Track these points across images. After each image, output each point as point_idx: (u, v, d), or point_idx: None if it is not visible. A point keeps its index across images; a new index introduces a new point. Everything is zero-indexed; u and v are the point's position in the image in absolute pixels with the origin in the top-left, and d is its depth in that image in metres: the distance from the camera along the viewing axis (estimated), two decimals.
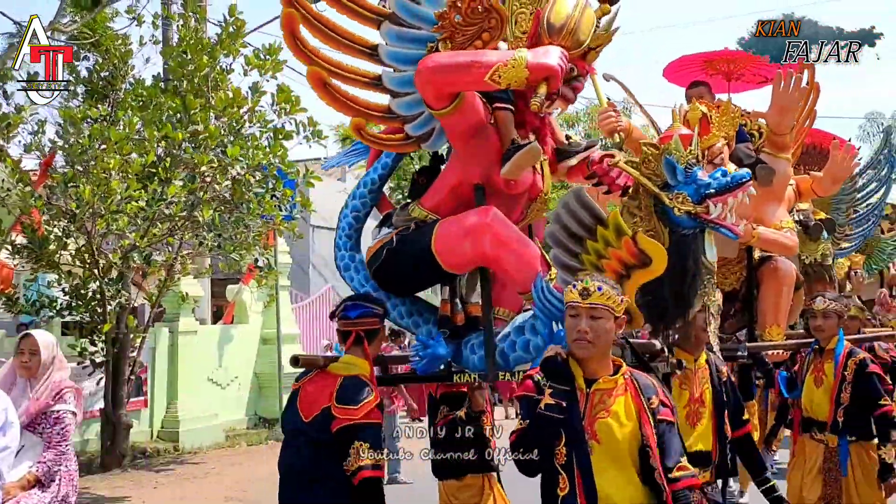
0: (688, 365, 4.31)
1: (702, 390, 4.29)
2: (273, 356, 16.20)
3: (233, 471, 11.26)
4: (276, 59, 11.35)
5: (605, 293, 3.14)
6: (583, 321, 3.13)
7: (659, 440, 3.15)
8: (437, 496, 5.01)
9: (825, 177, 6.05)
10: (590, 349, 3.14)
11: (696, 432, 4.22)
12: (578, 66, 4.12)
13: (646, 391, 3.21)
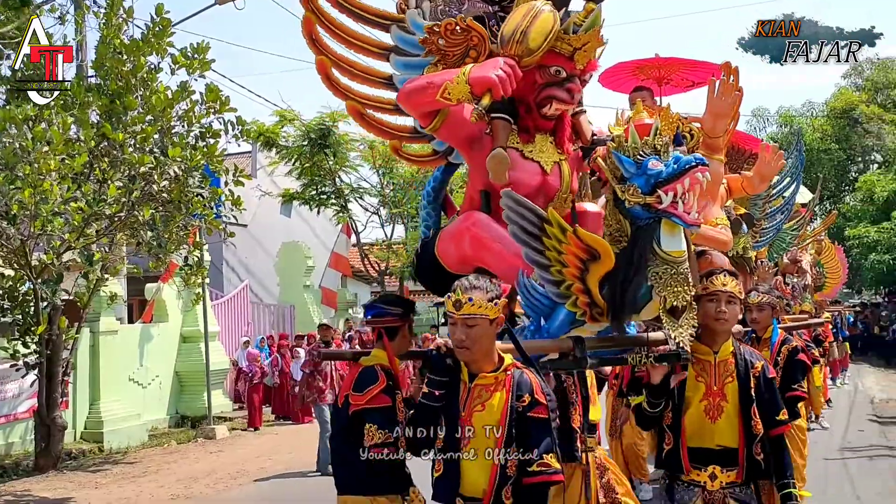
0: (705, 357, 4.04)
1: (723, 384, 4.00)
2: (194, 354, 16.17)
3: (170, 469, 11.26)
4: (204, 58, 11.40)
5: (475, 303, 3.37)
6: (459, 330, 3.39)
7: (524, 435, 3.37)
8: None
9: (755, 176, 6.33)
10: (469, 354, 3.43)
11: (717, 427, 3.97)
12: (566, 67, 4.19)
13: (520, 388, 3.43)
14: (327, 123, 20.18)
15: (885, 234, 26.32)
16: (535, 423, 3.39)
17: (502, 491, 3.34)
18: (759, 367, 4.02)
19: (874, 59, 33.22)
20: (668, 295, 3.72)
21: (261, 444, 13.48)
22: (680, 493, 4.00)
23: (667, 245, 3.68)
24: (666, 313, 3.75)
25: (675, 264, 3.71)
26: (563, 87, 4.19)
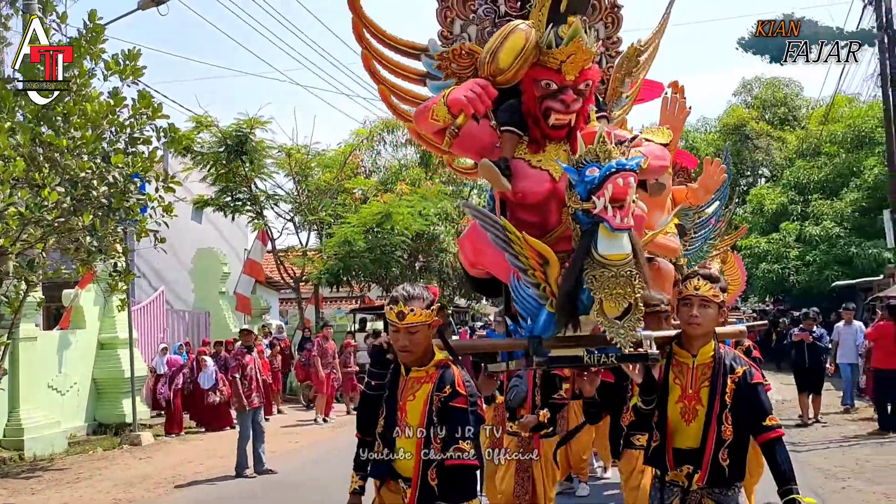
0: (684, 360, 4.11)
1: (698, 387, 4.04)
2: (111, 361, 16.04)
3: (102, 475, 11.27)
4: (136, 65, 11.46)
5: (416, 312, 3.83)
6: (402, 337, 3.86)
7: (443, 420, 3.80)
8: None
9: (699, 188, 6.71)
10: (411, 357, 3.93)
11: (689, 430, 4.02)
12: (555, 79, 4.39)
13: (443, 381, 3.88)
14: (244, 130, 20.25)
15: (774, 244, 27.87)
16: (455, 412, 3.81)
17: (427, 471, 3.79)
18: (739, 371, 4.00)
19: (762, 78, 35.19)
20: (605, 297, 3.80)
21: (187, 449, 13.53)
22: (665, 493, 4.12)
23: (604, 249, 3.78)
24: (601, 315, 3.83)
25: (615, 267, 3.78)
26: (556, 98, 4.41)
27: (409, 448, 3.88)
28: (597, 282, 3.79)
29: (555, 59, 4.38)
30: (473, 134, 4.57)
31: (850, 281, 25.14)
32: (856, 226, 26.76)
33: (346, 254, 21.06)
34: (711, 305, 4.01)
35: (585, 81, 4.47)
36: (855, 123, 28.75)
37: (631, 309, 3.83)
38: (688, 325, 4.05)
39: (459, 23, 4.94)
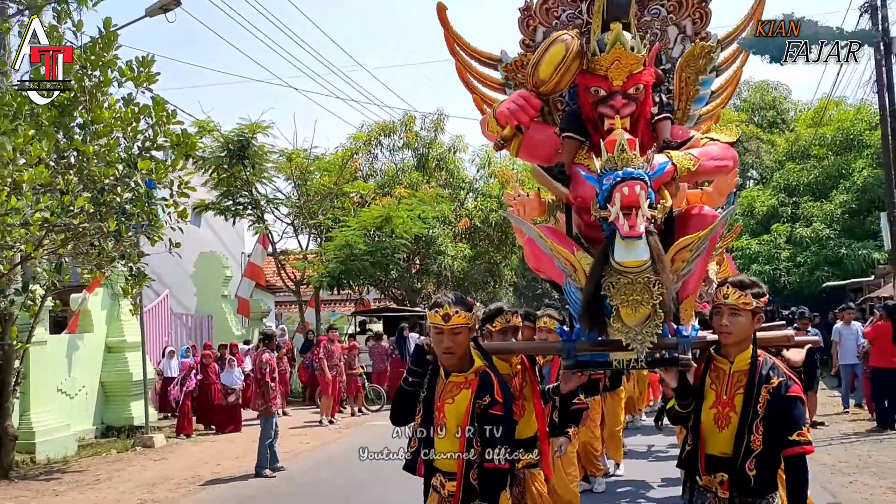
0: (721, 366, 4.06)
1: (733, 394, 3.98)
2: (119, 364, 16.21)
3: (121, 476, 11.43)
4: (149, 71, 11.66)
5: (460, 314, 4.07)
6: (446, 339, 4.08)
7: (483, 428, 4.00)
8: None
9: (714, 191, 6.89)
10: (453, 359, 4.12)
11: (722, 436, 3.97)
12: (603, 86, 4.49)
13: (482, 389, 4.07)
14: (246, 135, 20.42)
15: (765, 246, 28.24)
16: (493, 418, 4.01)
17: (470, 471, 4.00)
18: (775, 382, 3.89)
19: (751, 82, 35.63)
20: (622, 304, 3.87)
21: (200, 450, 13.69)
22: (696, 497, 4.10)
23: (619, 256, 3.83)
24: (619, 320, 3.90)
25: (631, 274, 3.83)
26: (606, 104, 4.49)
27: (448, 448, 4.06)
28: (613, 289, 3.87)
29: (601, 65, 4.48)
30: (537, 141, 4.80)
31: (841, 282, 25.53)
32: (845, 227, 27.15)
33: (346, 257, 21.26)
34: (742, 313, 3.95)
35: (636, 85, 4.50)
36: (843, 126, 29.17)
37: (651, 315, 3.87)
38: (720, 333, 4.04)
39: (542, 30, 5.08)
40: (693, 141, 4.61)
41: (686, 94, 4.99)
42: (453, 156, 27.45)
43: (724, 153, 4.66)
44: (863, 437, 12.64)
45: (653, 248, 3.84)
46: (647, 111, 4.65)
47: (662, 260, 3.90)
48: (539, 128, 4.85)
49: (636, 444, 12.02)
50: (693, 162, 4.32)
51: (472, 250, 26.05)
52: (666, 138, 4.65)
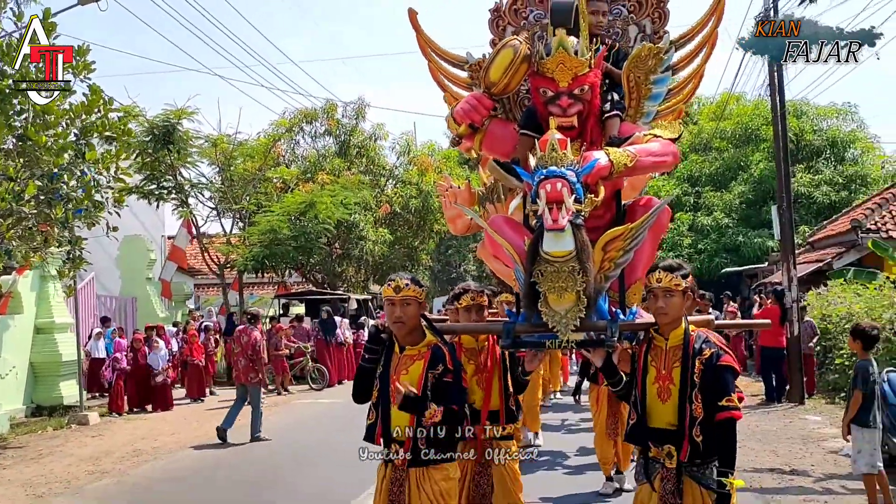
0: (658, 343, 4.31)
1: (671, 368, 4.22)
2: (48, 345, 16.47)
3: (64, 451, 11.89)
4: (86, 60, 12.06)
5: (410, 288, 4.47)
6: (398, 309, 4.44)
7: (437, 392, 4.33)
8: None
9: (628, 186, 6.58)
10: (404, 328, 4.46)
11: (665, 409, 4.20)
12: (550, 87, 4.69)
13: (435, 360, 4.41)
14: (172, 121, 20.69)
15: (669, 233, 29.71)
16: (448, 385, 4.38)
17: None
18: (707, 353, 4.14)
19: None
20: (549, 290, 4.13)
21: (135, 428, 14.17)
22: (643, 467, 4.35)
23: (547, 246, 4.07)
24: (546, 305, 4.17)
25: (557, 263, 4.07)
26: (554, 103, 4.72)
27: (403, 417, 4.34)
28: (542, 276, 4.13)
29: (548, 68, 4.68)
30: (498, 136, 5.15)
31: (738, 268, 27.24)
32: (743, 217, 28.92)
33: (270, 241, 21.76)
34: (675, 294, 4.20)
35: (581, 86, 4.69)
36: (742, 121, 30.94)
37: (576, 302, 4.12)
38: (656, 314, 4.29)
39: (511, 30, 5.42)
40: (635, 137, 4.78)
41: (637, 93, 5.16)
42: (374, 143, 28.17)
43: (664, 149, 4.81)
44: (753, 410, 13.95)
45: (578, 240, 4.07)
46: (595, 109, 4.86)
47: (587, 251, 4.12)
48: (500, 124, 5.18)
49: (551, 419, 13.02)
50: (630, 158, 4.46)
51: (391, 235, 26.81)
52: (613, 135, 4.87)
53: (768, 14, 14.84)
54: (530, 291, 4.24)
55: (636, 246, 4.34)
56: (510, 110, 5.38)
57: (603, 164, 4.31)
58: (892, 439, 8.59)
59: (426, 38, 5.47)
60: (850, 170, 28.82)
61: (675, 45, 5.17)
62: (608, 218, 4.90)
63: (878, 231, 19.18)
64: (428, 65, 5.50)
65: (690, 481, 4.10)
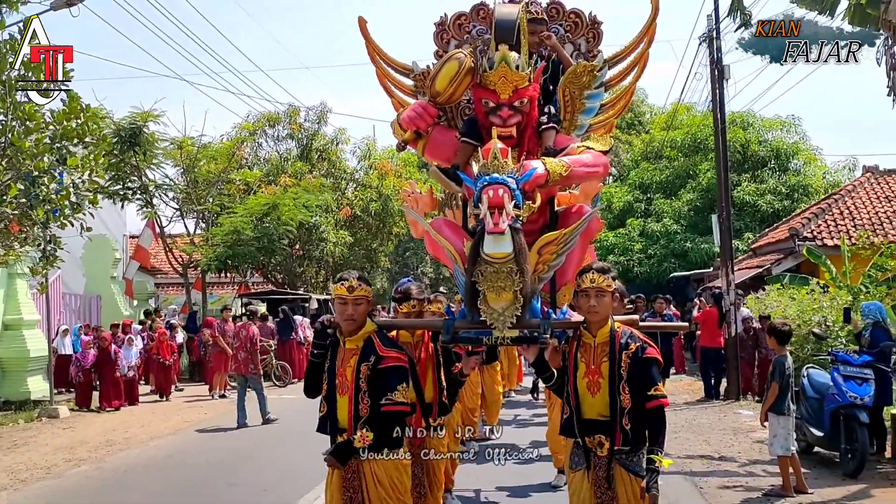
0: (587, 340, 4.56)
1: (599, 363, 4.45)
2: (16, 341, 16.86)
3: (38, 441, 12.41)
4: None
5: (362, 288, 4.69)
6: (350, 307, 4.66)
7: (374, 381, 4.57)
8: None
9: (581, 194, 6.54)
10: (354, 325, 4.69)
11: (595, 401, 4.45)
12: (492, 98, 5.00)
13: (366, 352, 4.65)
14: (138, 123, 21.16)
15: (620, 238, 30.82)
16: (383, 373, 4.60)
17: (357, 424, 4.58)
18: (633, 347, 4.44)
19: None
20: (488, 289, 4.38)
21: (104, 421, 14.67)
22: (577, 456, 4.62)
23: (487, 248, 4.29)
24: (485, 303, 4.45)
25: (497, 264, 4.30)
26: (495, 114, 5.03)
27: (345, 408, 4.65)
28: (482, 276, 4.38)
29: (490, 81, 4.99)
30: (441, 143, 5.44)
31: (685, 273, 28.28)
32: (691, 223, 29.99)
33: (234, 242, 22.32)
34: (606, 294, 4.49)
35: (520, 99, 5.01)
36: (692, 131, 32.06)
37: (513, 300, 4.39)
38: (588, 313, 4.55)
39: (455, 42, 5.75)
40: (570, 149, 5.06)
41: (572, 107, 5.51)
42: (336, 147, 28.85)
43: (596, 161, 5.08)
44: (692, 405, 14.90)
45: (516, 243, 4.29)
46: (533, 121, 5.20)
47: (524, 253, 4.38)
48: (442, 131, 5.47)
49: (504, 414, 13.72)
50: (565, 168, 4.73)
51: (351, 237, 27.49)
52: (549, 146, 5.19)
53: (711, 34, 15.80)
54: (471, 290, 4.49)
55: (568, 250, 4.68)
56: (452, 118, 5.70)
57: (540, 172, 4.60)
58: (809, 429, 9.57)
59: (375, 46, 5.79)
60: (793, 180, 30.01)
61: (609, 63, 5.59)
62: (542, 223, 5.23)
63: (814, 239, 20.32)
64: (376, 71, 5.81)
65: (620, 469, 4.42)
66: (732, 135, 29.97)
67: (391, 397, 4.54)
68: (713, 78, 16.05)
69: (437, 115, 5.40)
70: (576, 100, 5.49)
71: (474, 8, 5.89)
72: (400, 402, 4.57)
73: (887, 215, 21.21)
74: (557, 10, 5.93)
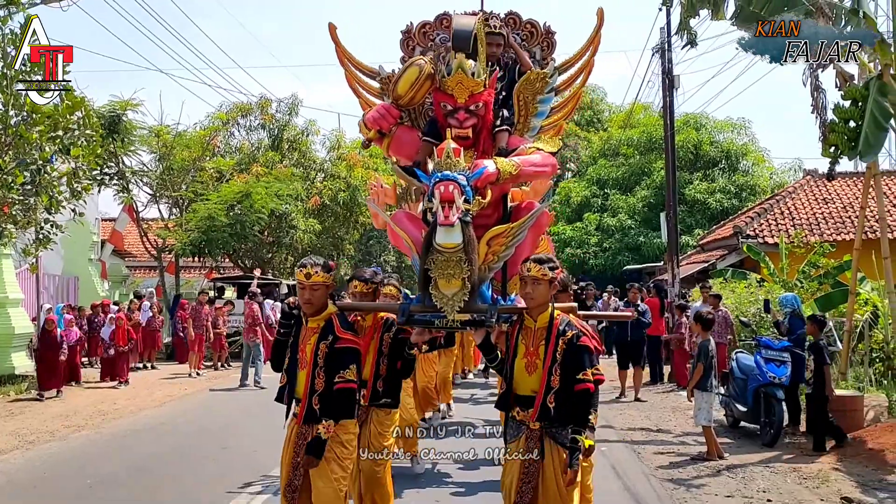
0: (528, 325, 4.85)
1: (537, 346, 4.73)
2: (2, 318, 17.57)
3: (33, 411, 13.37)
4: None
5: (319, 274, 4.99)
6: (307, 292, 5.01)
7: (331, 360, 4.94)
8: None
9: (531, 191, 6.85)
10: (312, 308, 5.06)
11: (531, 380, 4.74)
12: (450, 102, 5.35)
13: (325, 332, 5.00)
14: (118, 111, 21.98)
15: (577, 232, 32.18)
16: (338, 352, 4.99)
17: (313, 397, 4.99)
18: (569, 335, 4.71)
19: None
20: (439, 276, 4.76)
21: (92, 394, 15.55)
22: (512, 429, 4.90)
23: (439, 239, 4.65)
24: (436, 289, 4.82)
25: (447, 253, 4.68)
26: (452, 116, 5.39)
27: (303, 380, 5.04)
28: (434, 264, 4.76)
29: (448, 85, 5.34)
30: (403, 142, 5.81)
31: (638, 266, 29.71)
32: (644, 219, 31.41)
33: (208, 227, 23.20)
34: (542, 282, 4.76)
35: (476, 103, 5.37)
36: (648, 130, 33.46)
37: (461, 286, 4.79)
38: (525, 298, 4.89)
39: (419, 49, 6.11)
40: (521, 149, 5.42)
41: (525, 111, 5.84)
42: (306, 138, 29.80)
43: (545, 161, 5.47)
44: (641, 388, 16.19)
45: (465, 235, 4.66)
46: (488, 123, 5.55)
47: (473, 244, 4.74)
48: (406, 131, 5.82)
49: (461, 394, 14.84)
50: (515, 167, 5.11)
51: (320, 225, 28.44)
52: (502, 146, 5.53)
53: (664, 46, 17.10)
54: (424, 277, 4.89)
55: (517, 242, 5.06)
56: (415, 119, 6.02)
57: (491, 171, 4.96)
58: (736, 405, 10.92)
59: (344, 50, 6.11)
60: (742, 179, 31.54)
61: (559, 70, 6.02)
62: (496, 217, 5.56)
63: (756, 237, 21.74)
64: (344, 73, 6.16)
65: (549, 440, 4.72)
66: (686, 135, 31.48)
67: (343, 375, 4.94)
68: (664, 86, 17.36)
69: (399, 116, 5.75)
70: (529, 104, 5.89)
71: (438, 17, 6.27)
72: (350, 379, 4.97)
73: (823, 216, 22.72)
74: (515, 21, 6.31)
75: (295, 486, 5.00)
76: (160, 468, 9.22)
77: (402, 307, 5.22)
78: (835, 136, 10.63)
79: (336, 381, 4.91)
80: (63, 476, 8.91)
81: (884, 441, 9.34)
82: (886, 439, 9.36)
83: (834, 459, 9.23)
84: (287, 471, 5.05)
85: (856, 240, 12.37)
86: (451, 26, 5.72)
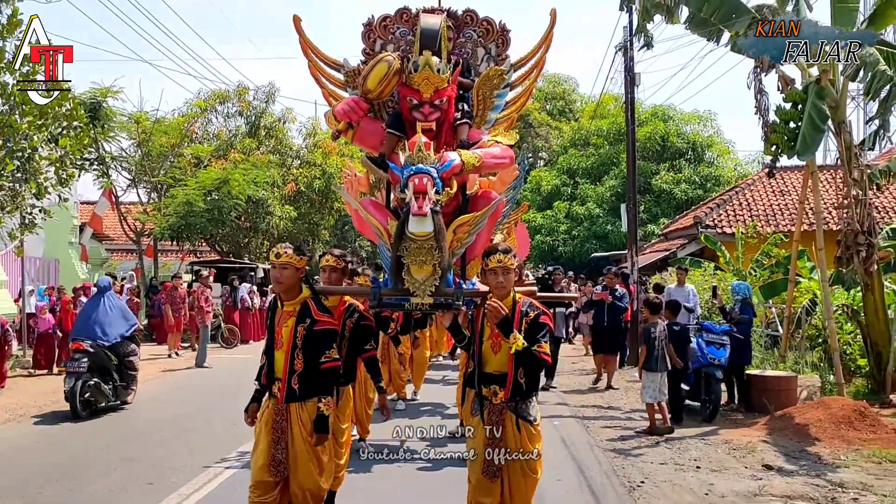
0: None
1: None
2: None
3: (22, 387, 14.05)
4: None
5: (288, 255, 5.17)
6: (277, 272, 5.18)
7: (311, 341, 5.12)
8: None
9: (498, 181, 7.22)
10: (281, 287, 5.22)
11: (496, 358, 4.95)
12: (415, 97, 5.57)
13: (302, 315, 5.18)
14: (98, 98, 22.52)
15: (547, 220, 33.07)
16: (318, 334, 5.18)
17: (292, 378, 5.17)
18: (531, 315, 4.93)
19: (545, 74, 40.44)
20: (411, 262, 5.06)
21: None
22: (476, 405, 5.08)
23: (411, 227, 4.95)
24: (409, 275, 5.11)
25: (419, 241, 4.99)
26: (418, 110, 5.61)
27: (281, 361, 5.21)
28: (407, 251, 5.06)
29: (415, 81, 5.58)
30: (369, 133, 5.95)
31: (605, 253, 30.62)
32: (612, 208, 32.31)
33: (186, 212, 23.84)
34: (511, 271, 4.98)
35: (440, 98, 5.60)
36: (617, 121, 34.33)
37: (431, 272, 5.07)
38: (495, 288, 5.00)
39: (380, 42, 6.19)
40: (482, 142, 5.68)
41: (483, 105, 6.02)
42: (283, 126, 30.44)
43: (504, 153, 5.78)
44: None
45: (436, 224, 4.97)
46: (450, 117, 5.76)
47: (442, 232, 5.06)
48: (370, 122, 5.93)
49: (432, 375, 15.51)
50: (477, 159, 5.38)
51: (295, 212, 29.12)
52: (463, 139, 5.72)
53: (626, 46, 17.90)
54: (396, 263, 5.16)
55: (478, 230, 5.39)
56: (379, 111, 6.13)
57: (457, 163, 5.23)
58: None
59: (308, 41, 6.20)
60: (707, 170, 32.54)
61: (514, 66, 6.16)
62: (454, 205, 5.72)
63: (715, 227, 22.70)
64: (308, 64, 6.22)
65: (510, 413, 4.96)
66: (653, 126, 32.37)
67: (329, 355, 5.17)
68: (626, 83, 18.17)
69: (367, 110, 5.86)
70: (487, 99, 6.05)
71: (398, 11, 6.32)
72: (335, 358, 5.23)
73: (780, 208, 23.72)
74: (472, 18, 6.39)
75: (279, 461, 5.18)
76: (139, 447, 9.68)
77: (373, 291, 5.51)
78: (776, 136, 11.52)
79: (323, 360, 5.13)
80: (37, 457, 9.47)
81: (809, 416, 10.22)
82: (812, 415, 10.24)
83: (763, 433, 10.12)
84: (267, 447, 5.20)
85: (795, 232, 13.28)
86: (419, 25, 5.93)
